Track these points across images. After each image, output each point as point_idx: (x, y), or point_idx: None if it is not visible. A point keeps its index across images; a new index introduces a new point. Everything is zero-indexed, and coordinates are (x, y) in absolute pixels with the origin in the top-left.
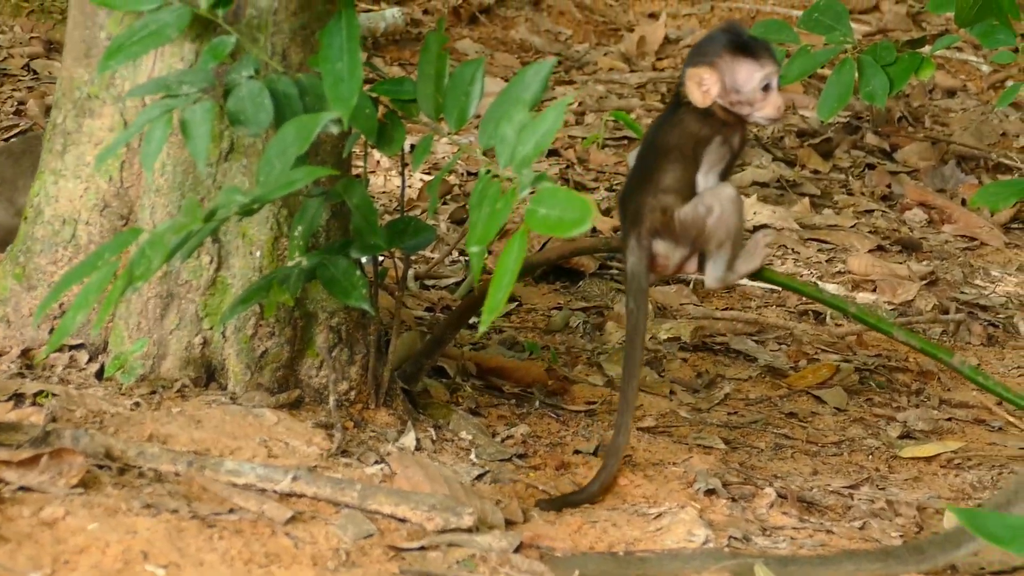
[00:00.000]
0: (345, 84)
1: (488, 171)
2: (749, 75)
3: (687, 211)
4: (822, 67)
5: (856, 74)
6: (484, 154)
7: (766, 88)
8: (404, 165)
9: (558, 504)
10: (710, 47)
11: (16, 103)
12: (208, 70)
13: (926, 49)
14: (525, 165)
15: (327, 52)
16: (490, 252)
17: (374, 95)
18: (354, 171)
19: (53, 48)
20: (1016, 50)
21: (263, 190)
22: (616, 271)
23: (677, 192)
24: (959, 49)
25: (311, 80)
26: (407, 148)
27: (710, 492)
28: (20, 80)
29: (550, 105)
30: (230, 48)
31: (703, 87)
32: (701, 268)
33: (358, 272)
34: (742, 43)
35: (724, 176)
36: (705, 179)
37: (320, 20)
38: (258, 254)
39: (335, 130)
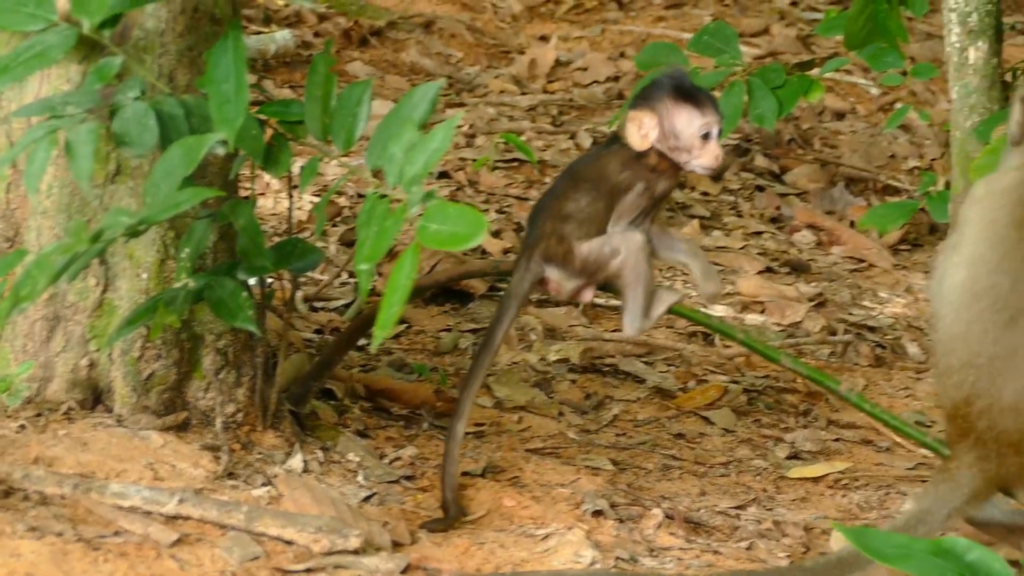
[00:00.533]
0: (231, 105)
1: (376, 191)
2: (689, 122)
3: (591, 247)
4: (712, 90)
5: (746, 96)
6: (373, 175)
7: (705, 137)
8: (292, 187)
9: (441, 526)
10: (653, 91)
11: None
12: (94, 91)
13: (815, 72)
14: (414, 183)
15: (213, 73)
16: (379, 275)
17: (261, 117)
18: (242, 193)
19: None
20: (904, 73)
21: (149, 211)
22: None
23: (580, 224)
24: (849, 72)
25: (197, 101)
26: (296, 170)
27: (597, 513)
28: None
29: (439, 125)
30: (116, 69)
31: (642, 130)
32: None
33: (245, 294)
34: (685, 90)
35: (640, 221)
36: (615, 224)
37: (207, 41)
38: (145, 276)
39: (221, 151)
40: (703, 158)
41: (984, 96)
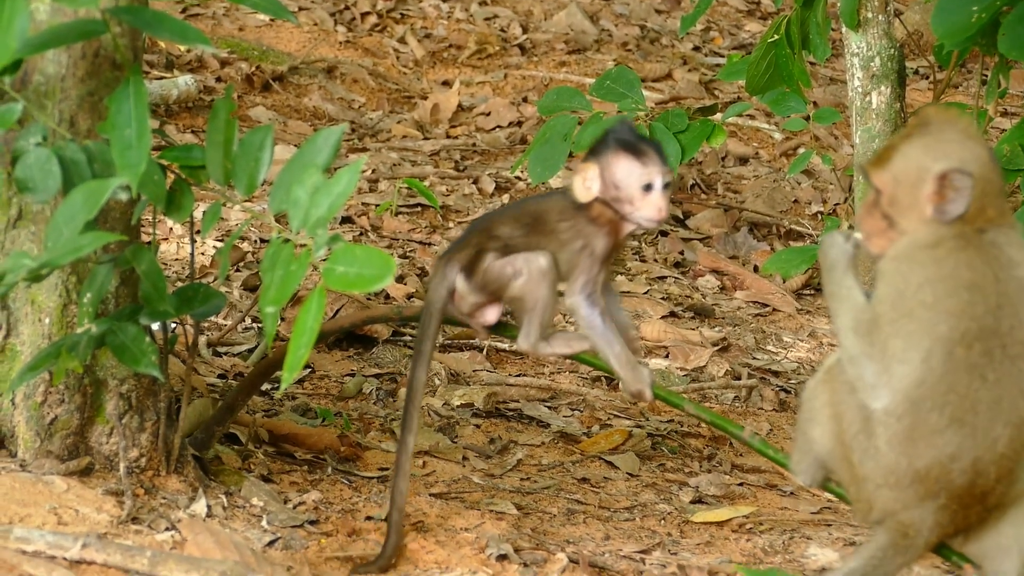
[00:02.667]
0: (133, 151)
1: (280, 235)
2: (628, 172)
3: (497, 265)
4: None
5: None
6: (276, 220)
7: (647, 188)
8: (194, 232)
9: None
10: (599, 144)
11: None
12: None
13: (718, 117)
14: (320, 226)
15: (115, 119)
16: (282, 319)
17: (163, 162)
18: (144, 238)
19: None
20: (807, 117)
21: (51, 255)
22: (410, 338)
23: (503, 247)
24: (752, 116)
25: (99, 147)
26: (198, 215)
27: (502, 557)
28: None
29: (343, 169)
30: (17, 115)
31: (586, 182)
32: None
33: (147, 339)
34: (627, 142)
35: (593, 287)
36: (569, 290)
37: (108, 87)
38: (47, 321)
39: (124, 196)
40: (644, 210)
41: (887, 140)
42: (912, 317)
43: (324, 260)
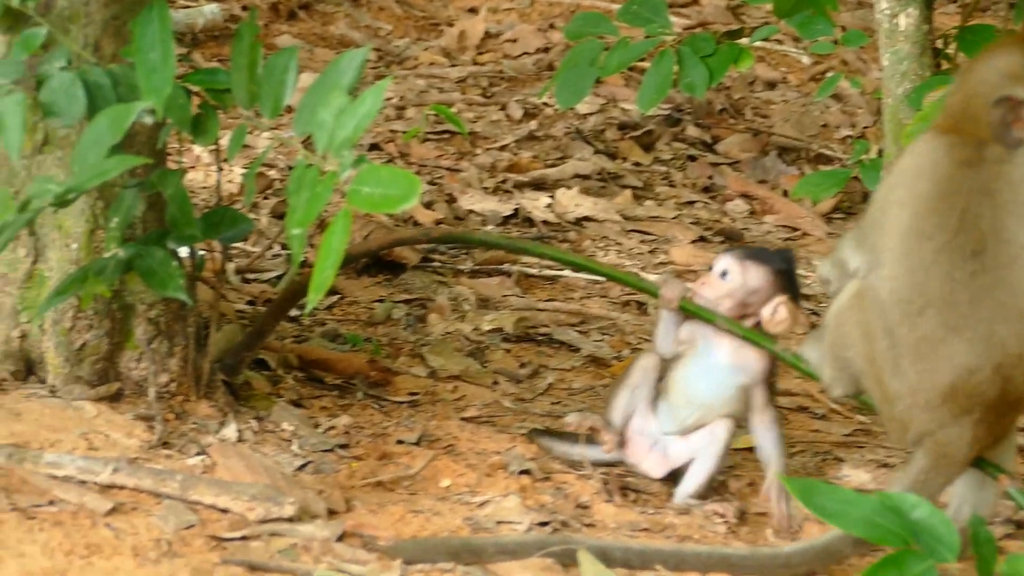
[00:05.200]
0: (158, 74)
1: (305, 158)
2: None
3: None
4: (642, 59)
5: (676, 65)
6: (302, 143)
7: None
8: (220, 159)
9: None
10: None
11: None
12: (20, 62)
13: (745, 40)
14: (345, 147)
15: (140, 42)
16: (311, 246)
17: (188, 86)
18: (171, 165)
19: None
20: (835, 41)
21: (77, 179)
22: (438, 263)
23: None
24: (779, 41)
25: (124, 71)
26: (224, 143)
27: (530, 477)
28: None
29: (368, 90)
30: (41, 40)
31: None
32: None
33: (175, 263)
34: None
35: None
36: None
37: (132, 11)
38: (75, 246)
39: (149, 120)
40: None
41: (915, 63)
42: (885, 213)
43: (349, 182)
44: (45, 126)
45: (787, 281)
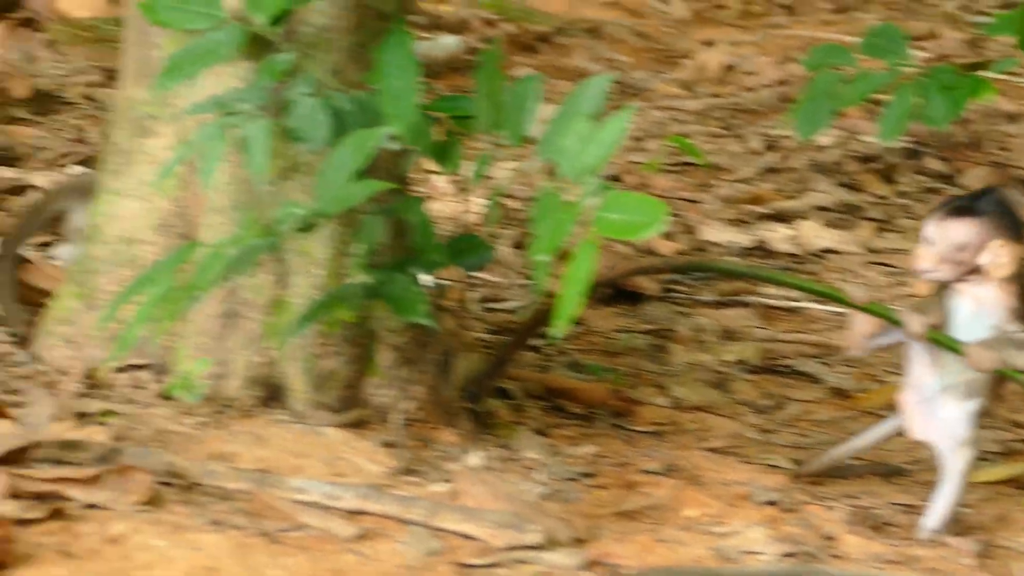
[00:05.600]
0: (402, 100)
1: (548, 185)
2: None
3: None
4: (882, 92)
5: (916, 97)
6: (545, 170)
7: None
8: (462, 187)
9: None
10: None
11: (76, 131)
12: (265, 88)
13: (986, 73)
14: (589, 174)
15: (384, 69)
16: (553, 276)
17: (432, 113)
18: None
19: (112, 76)
20: None
21: (322, 204)
22: (679, 294)
23: None
24: (1021, 75)
25: (368, 97)
26: (467, 173)
27: (777, 508)
28: (79, 108)
29: (611, 117)
30: (286, 66)
31: None
32: None
33: (419, 289)
34: None
35: None
36: None
37: (375, 38)
38: (320, 273)
39: (393, 146)
40: None
41: None
42: None
43: (594, 208)
44: (289, 152)
45: (998, 222)
